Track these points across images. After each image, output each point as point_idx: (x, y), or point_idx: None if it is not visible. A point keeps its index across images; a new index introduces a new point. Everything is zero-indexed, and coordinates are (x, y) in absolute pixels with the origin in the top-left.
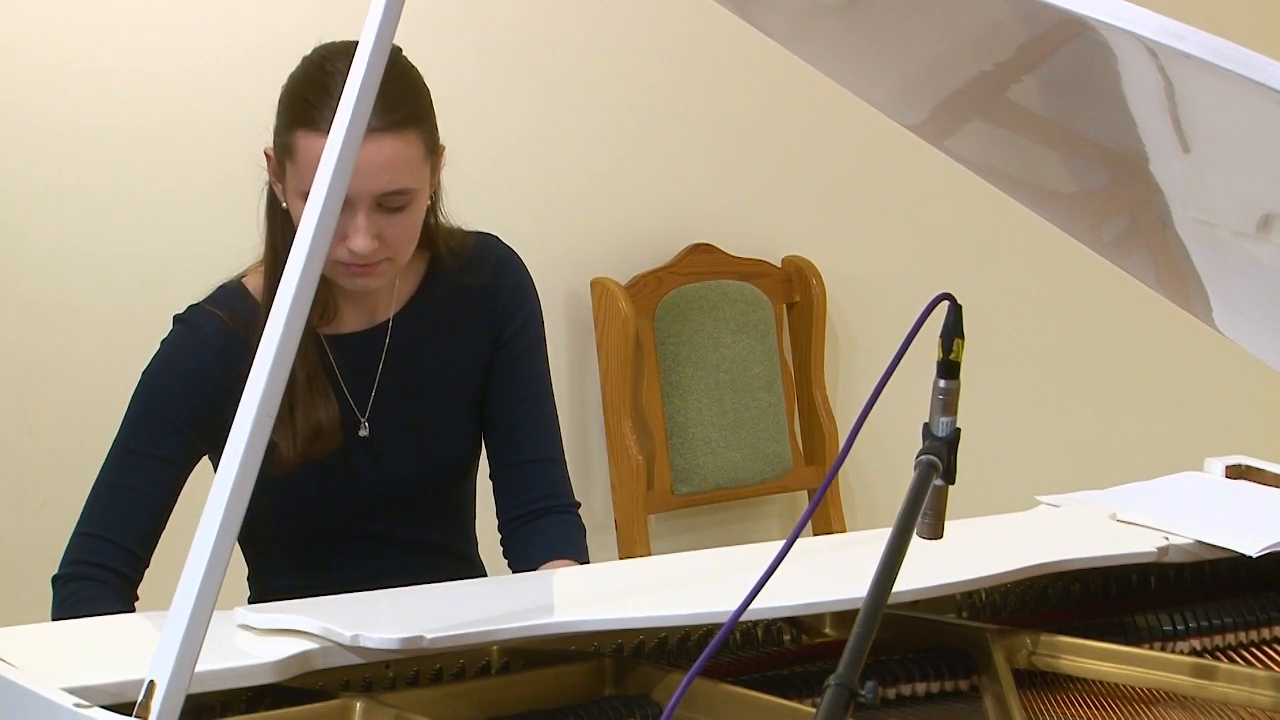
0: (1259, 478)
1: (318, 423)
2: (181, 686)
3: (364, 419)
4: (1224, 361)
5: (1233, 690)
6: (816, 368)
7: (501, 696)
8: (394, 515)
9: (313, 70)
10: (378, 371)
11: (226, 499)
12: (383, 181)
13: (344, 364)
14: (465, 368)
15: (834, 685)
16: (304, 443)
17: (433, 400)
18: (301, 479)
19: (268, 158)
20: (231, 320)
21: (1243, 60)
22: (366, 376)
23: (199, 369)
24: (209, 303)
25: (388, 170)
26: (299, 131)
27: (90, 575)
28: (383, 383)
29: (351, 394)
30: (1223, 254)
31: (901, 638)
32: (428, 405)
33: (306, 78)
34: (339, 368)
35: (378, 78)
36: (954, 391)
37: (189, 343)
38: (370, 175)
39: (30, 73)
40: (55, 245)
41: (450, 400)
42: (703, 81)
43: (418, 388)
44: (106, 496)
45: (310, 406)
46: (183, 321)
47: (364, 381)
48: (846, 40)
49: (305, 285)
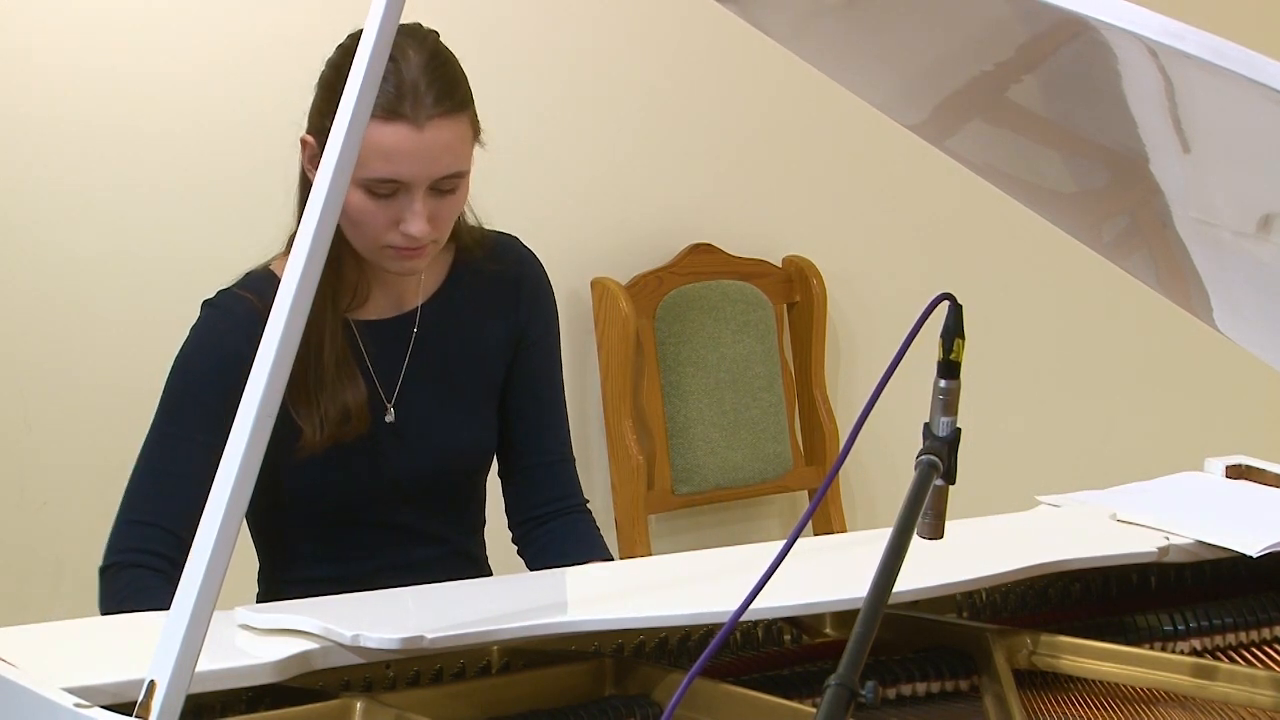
0: (1259, 478)
1: (345, 406)
2: (182, 686)
3: (391, 405)
4: (1224, 361)
5: (1233, 690)
6: (817, 368)
7: (502, 696)
8: (414, 506)
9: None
10: (405, 358)
11: (227, 499)
12: (443, 165)
13: (373, 350)
14: (488, 360)
15: (834, 685)
16: (332, 426)
17: (457, 390)
18: (329, 464)
19: (304, 145)
20: (260, 303)
21: (1243, 60)
22: (394, 363)
23: (231, 351)
24: (238, 287)
25: (447, 153)
26: None
27: (144, 563)
28: (410, 370)
29: (379, 380)
30: (1223, 254)
31: (902, 638)
32: (452, 395)
33: None
34: (368, 353)
35: (378, 77)
36: (954, 391)
37: (220, 325)
38: (430, 160)
39: (30, 72)
40: (56, 245)
41: (472, 391)
42: (703, 82)
43: (443, 377)
44: (150, 482)
45: (338, 390)
46: (212, 305)
47: (392, 368)
48: (847, 40)
49: (305, 287)
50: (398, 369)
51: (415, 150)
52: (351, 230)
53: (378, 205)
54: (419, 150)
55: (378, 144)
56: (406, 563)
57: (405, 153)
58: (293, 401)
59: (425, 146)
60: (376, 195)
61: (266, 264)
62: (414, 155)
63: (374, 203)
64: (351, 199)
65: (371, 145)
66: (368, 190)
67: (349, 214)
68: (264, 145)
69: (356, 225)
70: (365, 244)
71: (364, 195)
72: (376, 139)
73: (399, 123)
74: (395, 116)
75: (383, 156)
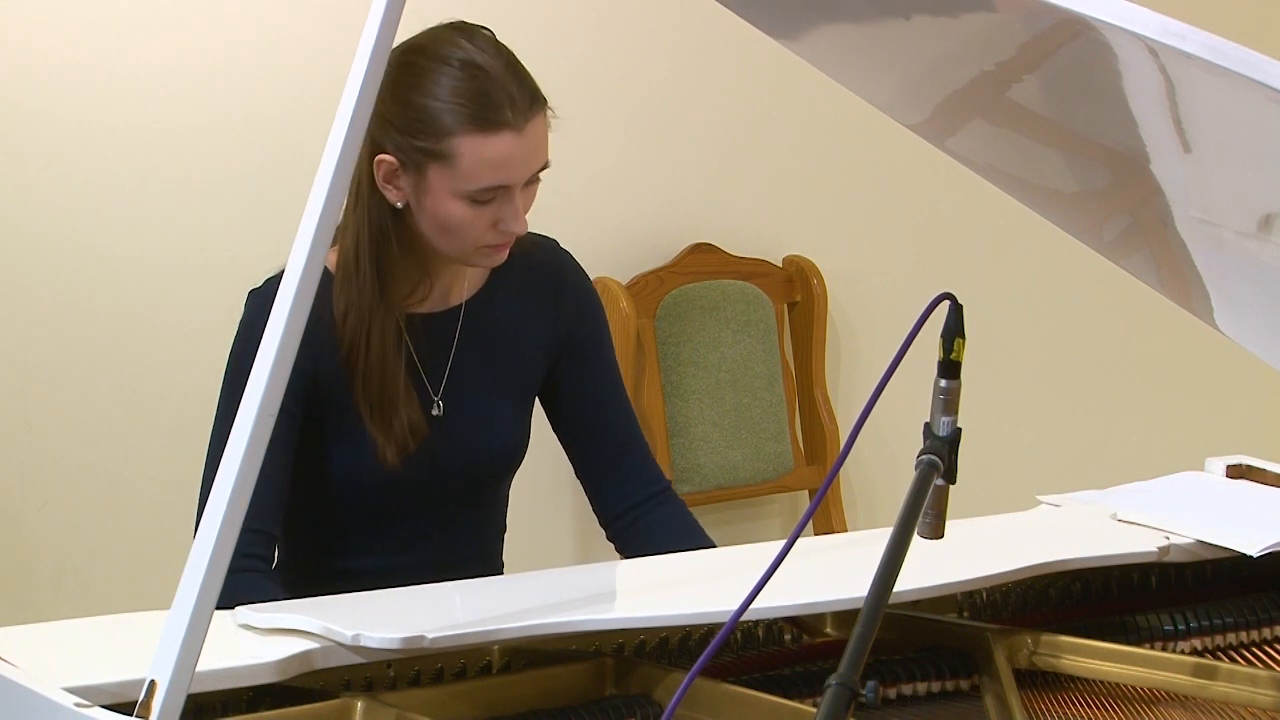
0: (1259, 478)
1: (412, 419)
2: (182, 686)
3: (437, 398)
4: (1224, 361)
5: (1233, 690)
6: (817, 367)
7: (503, 696)
8: (450, 500)
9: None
10: (451, 353)
11: (227, 499)
12: (538, 160)
13: (421, 343)
14: (527, 361)
15: (835, 685)
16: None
17: (497, 387)
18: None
19: (379, 164)
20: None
21: (1243, 60)
22: (441, 357)
23: None
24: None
25: (541, 147)
26: (463, 136)
27: (248, 567)
28: (455, 364)
29: (426, 373)
30: (1223, 254)
31: (902, 637)
32: (493, 392)
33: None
34: (415, 346)
35: (378, 77)
36: (955, 391)
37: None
38: (532, 158)
39: (30, 72)
40: (56, 245)
41: (511, 390)
42: (703, 81)
43: (485, 373)
44: None
45: (408, 403)
46: (258, 294)
47: (438, 362)
48: (847, 40)
49: (305, 287)
50: (444, 363)
51: (520, 153)
52: (446, 239)
53: (478, 211)
54: (523, 152)
55: (486, 157)
56: (429, 564)
57: (513, 158)
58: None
59: (528, 147)
60: (479, 203)
61: None
62: (520, 158)
63: (475, 210)
64: (454, 211)
65: (478, 159)
66: (471, 200)
67: (449, 226)
68: (264, 145)
69: (455, 234)
70: (460, 248)
71: (466, 205)
72: (483, 152)
73: (503, 131)
74: (499, 126)
75: (492, 167)
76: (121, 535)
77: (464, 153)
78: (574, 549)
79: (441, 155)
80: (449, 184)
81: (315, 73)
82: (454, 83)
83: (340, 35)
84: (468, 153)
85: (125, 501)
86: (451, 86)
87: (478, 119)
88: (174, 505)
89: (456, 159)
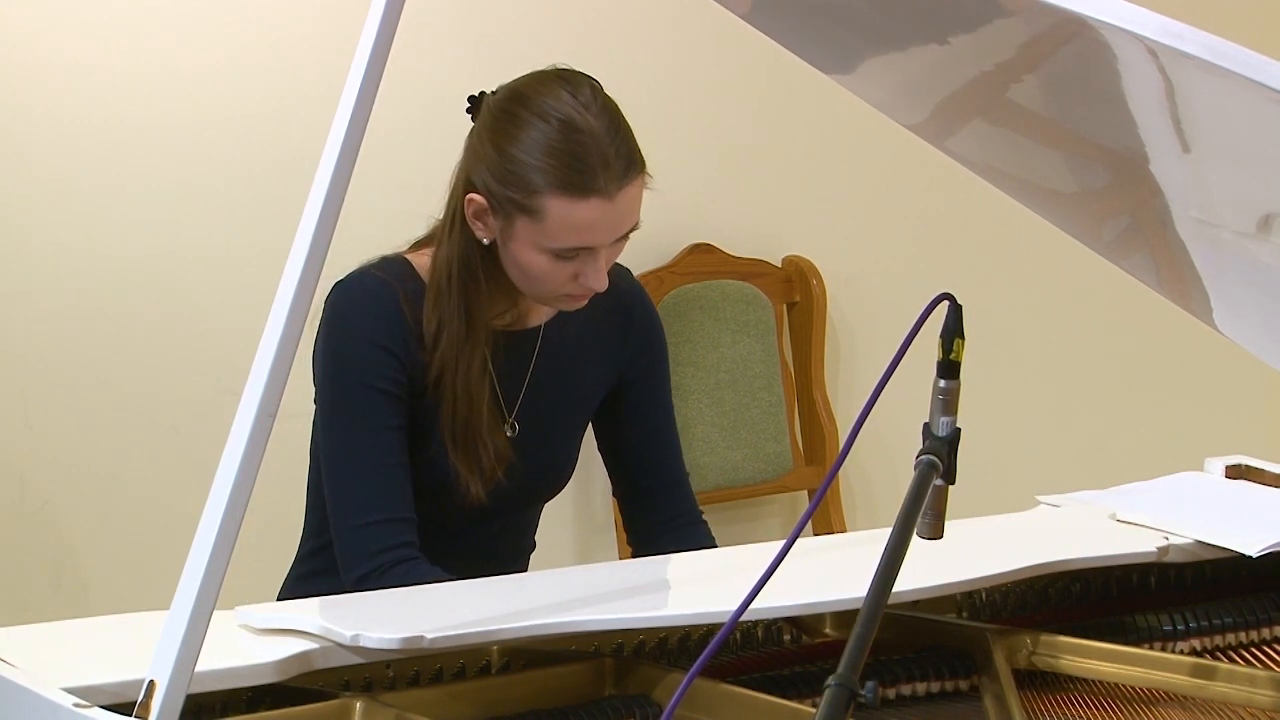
0: (1259, 478)
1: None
2: (182, 686)
3: (512, 419)
4: (1224, 361)
5: (1233, 690)
6: (817, 368)
7: (502, 696)
8: (495, 520)
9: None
10: (527, 374)
11: (227, 499)
12: (627, 224)
13: (500, 359)
14: (589, 388)
15: (834, 685)
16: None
17: (563, 410)
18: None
19: (470, 203)
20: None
21: (1243, 60)
22: (517, 377)
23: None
24: (373, 267)
25: (631, 213)
26: (551, 198)
27: (408, 556)
28: (530, 385)
29: (503, 392)
30: (1223, 254)
31: (902, 638)
32: (559, 414)
33: (557, 144)
34: (495, 365)
35: (377, 79)
36: (954, 391)
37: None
38: (617, 224)
39: (30, 72)
40: (56, 245)
41: (574, 416)
42: (703, 82)
43: (554, 398)
44: (369, 480)
45: (492, 430)
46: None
47: (515, 381)
48: (847, 40)
49: (305, 288)
50: (520, 384)
51: (607, 220)
52: (526, 283)
53: (560, 266)
54: (611, 219)
55: (572, 221)
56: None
57: (599, 224)
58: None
59: (617, 213)
60: (562, 258)
61: (400, 253)
62: (606, 225)
63: (557, 264)
64: (536, 261)
65: (564, 221)
66: (554, 255)
67: (529, 273)
68: (264, 145)
69: (536, 282)
70: (539, 294)
71: (549, 259)
72: (570, 216)
73: (592, 198)
74: (588, 192)
75: (577, 230)
76: (121, 535)
77: (550, 212)
78: (574, 549)
79: (528, 210)
80: (533, 237)
81: (315, 73)
82: (549, 141)
83: (340, 35)
84: (554, 213)
85: (125, 501)
86: (546, 144)
87: (568, 184)
88: (174, 505)
89: (543, 216)
